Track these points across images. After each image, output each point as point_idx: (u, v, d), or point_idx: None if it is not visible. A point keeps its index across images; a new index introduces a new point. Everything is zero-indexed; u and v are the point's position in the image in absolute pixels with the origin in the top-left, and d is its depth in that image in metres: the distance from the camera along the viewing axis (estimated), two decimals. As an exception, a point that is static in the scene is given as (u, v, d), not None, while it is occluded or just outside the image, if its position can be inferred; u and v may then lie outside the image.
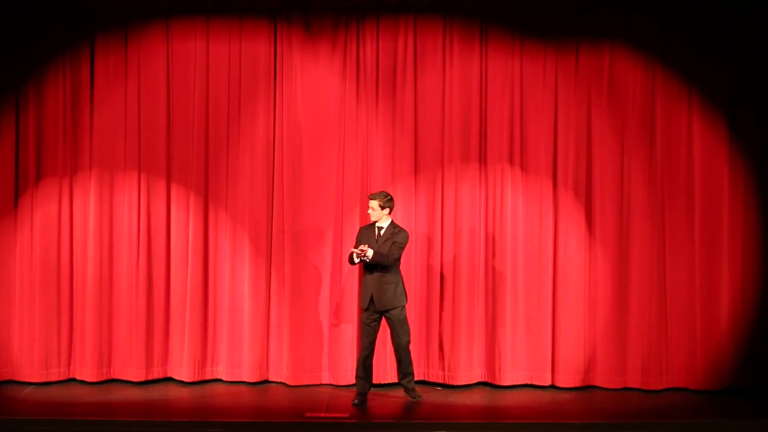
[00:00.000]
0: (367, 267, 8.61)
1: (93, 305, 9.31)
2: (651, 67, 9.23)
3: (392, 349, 9.18)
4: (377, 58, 9.37)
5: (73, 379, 9.38)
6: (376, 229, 8.71)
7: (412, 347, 9.25)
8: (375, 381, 9.24)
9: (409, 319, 9.31)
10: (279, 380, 9.43)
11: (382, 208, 8.68)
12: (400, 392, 9.11)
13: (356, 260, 8.58)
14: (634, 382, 9.22)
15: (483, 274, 9.36)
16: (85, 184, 9.39)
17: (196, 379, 9.35)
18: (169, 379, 9.42)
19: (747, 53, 9.18)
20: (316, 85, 9.38)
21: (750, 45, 9.18)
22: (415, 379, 9.32)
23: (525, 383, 9.31)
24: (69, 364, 9.40)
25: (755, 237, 9.21)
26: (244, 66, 9.41)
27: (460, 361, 9.29)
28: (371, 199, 8.70)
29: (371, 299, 8.62)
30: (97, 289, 9.33)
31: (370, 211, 8.71)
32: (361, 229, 8.86)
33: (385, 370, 9.31)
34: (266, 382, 9.45)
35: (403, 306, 8.68)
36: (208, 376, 9.43)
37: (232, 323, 9.39)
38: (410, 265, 9.35)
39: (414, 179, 9.40)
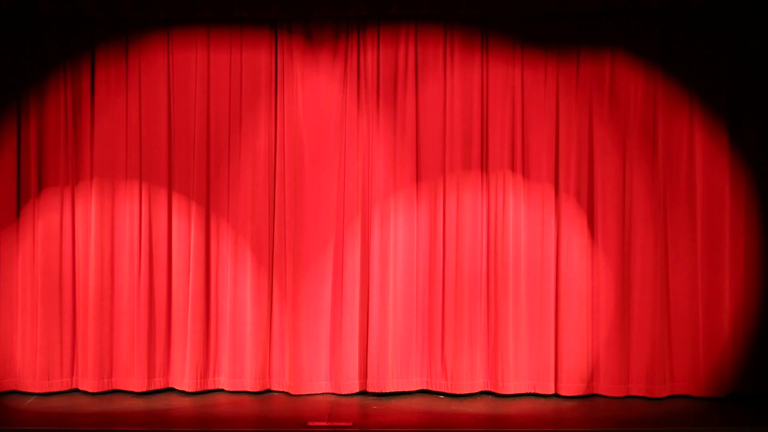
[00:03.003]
0: None
1: (94, 315, 9.29)
2: (652, 74, 9.22)
3: (394, 356, 9.20)
4: (378, 66, 9.37)
5: (76, 390, 9.37)
6: None
7: (414, 356, 9.27)
8: (377, 390, 9.24)
9: (411, 328, 9.31)
10: (281, 390, 9.41)
11: None
12: (402, 401, 9.11)
13: None
14: (637, 390, 9.20)
15: (485, 282, 9.35)
16: (86, 194, 9.38)
17: (199, 389, 9.33)
18: (171, 390, 9.39)
19: (748, 61, 9.17)
20: (317, 94, 9.38)
21: (750, 53, 9.17)
22: (417, 388, 9.35)
23: (528, 392, 9.28)
24: (71, 375, 9.38)
25: (757, 244, 9.19)
26: (245, 75, 9.41)
27: (462, 369, 9.27)
28: None
29: None
30: (99, 299, 9.31)
31: None
32: None
33: (387, 378, 9.29)
34: (269, 391, 9.43)
35: None
36: (211, 386, 9.41)
37: (234, 333, 9.37)
38: (412, 274, 9.34)
39: (415, 187, 9.39)
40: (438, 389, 9.34)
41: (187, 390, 9.31)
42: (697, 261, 9.18)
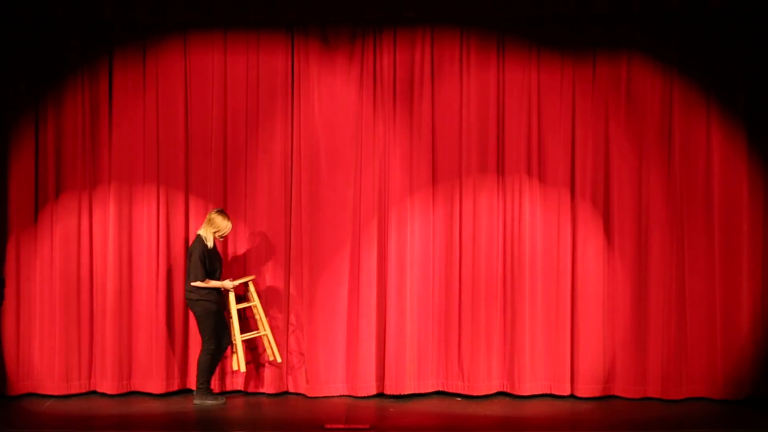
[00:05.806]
0: None
1: (113, 318, 9.34)
2: (669, 77, 9.22)
3: (411, 358, 9.22)
4: (394, 69, 9.39)
5: (94, 392, 9.41)
6: None
7: (431, 358, 9.28)
8: (394, 392, 9.26)
9: (428, 330, 9.33)
10: (298, 392, 9.44)
11: None
12: (419, 403, 9.12)
13: None
14: (654, 391, 9.19)
15: (501, 285, 9.36)
16: (104, 198, 9.43)
17: (217, 390, 9.35)
18: (190, 391, 9.42)
19: (765, 62, 9.15)
20: (333, 97, 9.41)
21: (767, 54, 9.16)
22: (434, 389, 9.36)
23: (545, 393, 9.30)
24: (89, 377, 9.43)
25: (775, 246, 9.20)
26: (262, 79, 9.44)
27: (479, 371, 9.29)
28: None
29: None
30: (117, 301, 9.35)
31: None
32: None
33: (404, 380, 9.31)
34: (285, 393, 9.47)
35: None
36: (229, 388, 9.45)
37: (251, 335, 9.43)
38: (429, 276, 9.36)
39: (432, 190, 9.40)
40: (454, 391, 9.36)
41: (205, 392, 9.37)
42: (715, 263, 9.16)
